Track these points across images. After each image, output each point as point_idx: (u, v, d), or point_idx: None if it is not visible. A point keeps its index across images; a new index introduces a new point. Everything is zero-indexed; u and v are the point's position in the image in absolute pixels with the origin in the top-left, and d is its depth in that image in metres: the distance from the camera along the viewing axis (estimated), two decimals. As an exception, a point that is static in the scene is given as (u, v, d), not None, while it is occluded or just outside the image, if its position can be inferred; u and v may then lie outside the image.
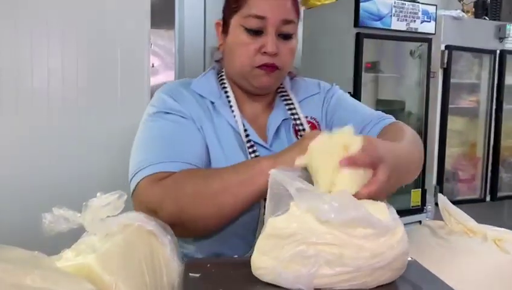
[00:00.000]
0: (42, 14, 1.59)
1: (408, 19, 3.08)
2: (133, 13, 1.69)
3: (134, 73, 1.71)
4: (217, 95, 1.05)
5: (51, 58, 1.62)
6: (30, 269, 0.51)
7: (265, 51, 0.96)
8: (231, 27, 1.00)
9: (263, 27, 0.96)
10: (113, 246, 0.63)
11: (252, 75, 0.99)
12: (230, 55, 1.02)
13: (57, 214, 0.67)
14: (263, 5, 0.95)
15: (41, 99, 1.60)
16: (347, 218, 0.59)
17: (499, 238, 0.80)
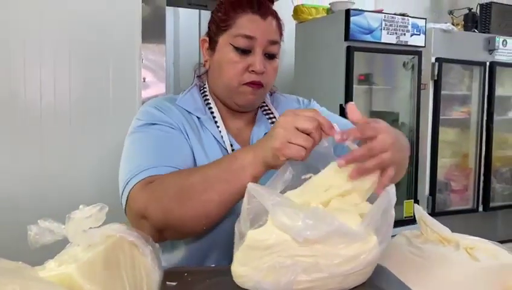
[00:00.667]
0: (34, 29, 1.63)
1: (398, 32, 3.13)
2: (124, 28, 1.73)
3: (126, 87, 1.74)
4: (202, 111, 1.08)
5: (43, 72, 1.65)
6: (11, 278, 0.53)
7: (253, 69, 1.00)
8: (219, 45, 1.03)
9: (251, 46, 1.00)
10: (94, 256, 0.65)
11: (238, 91, 1.03)
12: (217, 72, 1.04)
13: (42, 226, 0.69)
14: (252, 26, 0.99)
15: (34, 112, 1.63)
16: (322, 234, 0.61)
17: (470, 246, 0.83)
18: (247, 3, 1.01)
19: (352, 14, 2.98)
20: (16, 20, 1.62)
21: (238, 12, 1.00)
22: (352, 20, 2.98)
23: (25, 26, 1.62)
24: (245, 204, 0.69)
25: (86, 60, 1.69)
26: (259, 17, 1.00)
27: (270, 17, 1.01)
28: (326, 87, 3.23)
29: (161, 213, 0.83)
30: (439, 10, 4.38)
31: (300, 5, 3.41)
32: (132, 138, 1.00)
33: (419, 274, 0.78)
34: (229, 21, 1.01)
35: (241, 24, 1.00)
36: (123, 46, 1.73)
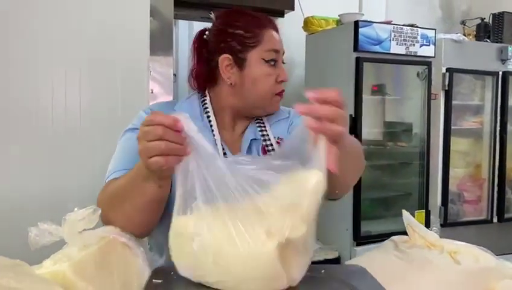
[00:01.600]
0: (46, 42, 1.71)
1: (407, 43, 3.15)
2: (133, 41, 1.80)
3: (134, 98, 1.80)
4: (198, 118, 1.13)
5: (54, 84, 1.72)
6: (7, 272, 0.58)
7: (282, 79, 1.10)
8: (249, 61, 1.09)
9: (276, 59, 1.10)
10: (87, 256, 0.70)
11: (271, 102, 1.13)
12: (250, 86, 1.10)
13: (42, 228, 0.74)
14: (275, 40, 1.10)
15: (45, 122, 1.70)
16: None
17: (454, 250, 0.84)
18: (266, 20, 1.11)
19: (360, 26, 3.01)
20: (29, 35, 1.70)
21: (262, 28, 1.09)
22: (360, 32, 3.01)
23: (37, 41, 1.70)
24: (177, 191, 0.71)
25: (95, 72, 1.76)
26: (274, 31, 1.11)
27: (279, 33, 1.13)
28: (336, 98, 3.25)
29: (103, 216, 0.86)
30: (451, 21, 4.38)
31: (311, 17, 3.45)
32: (119, 141, 1.09)
33: (401, 277, 0.80)
34: (256, 37, 1.08)
35: (269, 39, 1.09)
36: (132, 59, 1.80)
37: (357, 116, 3.07)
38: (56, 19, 1.72)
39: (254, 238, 0.62)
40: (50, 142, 1.73)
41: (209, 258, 0.61)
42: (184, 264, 0.66)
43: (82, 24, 1.75)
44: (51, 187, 1.71)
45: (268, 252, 0.61)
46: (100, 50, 1.75)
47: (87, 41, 1.75)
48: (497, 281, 0.81)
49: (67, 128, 1.74)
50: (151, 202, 0.86)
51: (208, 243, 0.62)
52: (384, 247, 0.93)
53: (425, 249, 0.86)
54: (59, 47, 1.72)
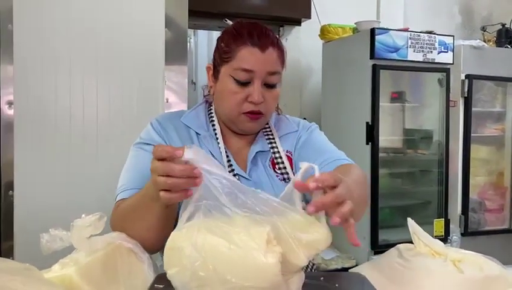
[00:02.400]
0: (64, 53, 1.77)
1: (425, 50, 3.13)
2: (148, 52, 1.84)
3: (150, 107, 1.85)
4: (204, 128, 1.14)
5: (72, 94, 1.78)
6: (15, 276, 0.61)
7: (251, 100, 1.05)
8: (221, 74, 1.08)
9: (250, 78, 1.05)
10: (93, 261, 0.73)
11: (238, 120, 1.09)
12: (219, 100, 1.11)
13: (53, 234, 0.78)
14: (251, 60, 1.03)
15: (64, 130, 1.76)
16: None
17: (458, 259, 0.84)
18: (247, 35, 1.04)
19: (377, 33, 3.00)
20: (48, 46, 1.76)
21: (239, 45, 1.04)
22: (377, 39, 3.00)
23: (56, 51, 1.76)
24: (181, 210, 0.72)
25: (112, 82, 1.81)
26: (259, 49, 1.03)
27: (270, 48, 1.05)
28: (353, 105, 3.25)
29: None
30: (471, 27, 4.32)
31: (327, 25, 3.46)
32: (129, 155, 1.11)
33: (403, 284, 0.80)
34: (230, 53, 1.05)
35: (241, 57, 1.04)
36: (147, 69, 1.84)
37: (373, 123, 3.05)
38: (75, 29, 1.78)
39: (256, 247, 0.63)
40: (68, 151, 1.78)
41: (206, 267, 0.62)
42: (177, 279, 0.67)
43: (99, 34, 1.81)
44: (67, 193, 1.77)
45: (272, 262, 0.62)
46: (116, 60, 1.81)
47: (104, 52, 1.80)
48: (501, 289, 0.81)
49: (84, 137, 1.80)
50: (160, 220, 0.88)
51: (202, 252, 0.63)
52: (388, 255, 0.93)
53: (429, 257, 0.86)
54: (77, 57, 1.78)
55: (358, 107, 3.17)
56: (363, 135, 3.08)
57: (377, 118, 3.07)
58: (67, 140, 1.78)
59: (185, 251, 0.64)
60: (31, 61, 1.76)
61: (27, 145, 1.77)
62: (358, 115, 3.17)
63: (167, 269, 0.67)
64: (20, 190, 1.77)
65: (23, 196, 1.78)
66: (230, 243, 0.62)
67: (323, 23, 3.51)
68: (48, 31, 1.77)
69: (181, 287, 0.66)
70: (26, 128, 1.77)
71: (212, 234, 0.64)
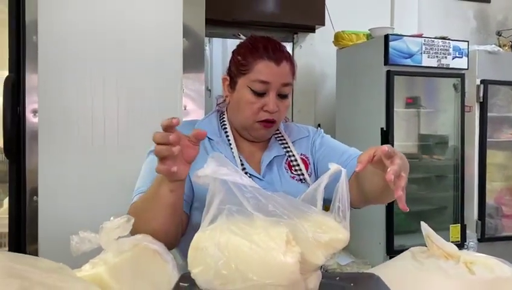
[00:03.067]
0: (85, 63, 1.83)
1: (439, 55, 3.14)
2: (167, 61, 1.90)
3: (168, 115, 1.89)
4: (217, 134, 1.22)
5: (94, 103, 1.84)
6: (52, 274, 0.65)
7: (267, 109, 1.14)
8: (238, 85, 1.17)
9: (266, 89, 1.14)
10: (121, 261, 0.77)
11: (252, 128, 1.17)
12: (236, 109, 1.19)
13: (82, 236, 0.82)
14: (267, 72, 1.12)
15: (86, 138, 1.82)
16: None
17: (470, 261, 0.87)
18: (263, 50, 1.14)
19: (391, 39, 3.03)
20: (71, 57, 1.83)
21: (256, 59, 1.13)
22: (391, 45, 3.03)
23: (78, 62, 1.83)
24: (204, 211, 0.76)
25: (131, 91, 1.87)
26: (274, 63, 1.13)
27: (284, 62, 1.14)
28: (367, 111, 3.27)
29: (133, 230, 0.93)
30: (486, 31, 4.31)
31: (341, 32, 3.49)
32: (145, 161, 1.21)
33: (416, 285, 0.83)
34: (247, 66, 1.14)
35: (258, 70, 1.13)
36: (166, 77, 1.90)
37: (388, 129, 3.07)
38: (96, 40, 1.85)
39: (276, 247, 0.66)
40: (90, 158, 1.84)
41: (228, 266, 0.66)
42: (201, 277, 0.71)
43: (119, 44, 1.87)
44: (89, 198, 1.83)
45: (291, 262, 0.66)
46: (136, 68, 1.87)
47: (124, 62, 1.86)
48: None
49: (105, 144, 1.85)
50: (165, 207, 0.94)
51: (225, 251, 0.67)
52: (402, 257, 0.96)
53: (441, 259, 0.89)
54: (98, 67, 1.84)
55: (373, 113, 3.19)
56: (378, 140, 3.09)
57: (392, 124, 3.08)
58: (89, 147, 1.84)
59: (209, 251, 0.68)
60: (54, 71, 1.83)
61: (51, 153, 1.83)
62: (372, 120, 3.19)
63: (191, 268, 0.71)
64: (44, 196, 1.84)
65: (47, 201, 1.84)
66: (251, 243, 0.66)
67: (337, 30, 3.54)
68: (70, 43, 1.84)
69: (205, 285, 0.70)
70: (50, 136, 1.83)
71: (234, 234, 0.68)
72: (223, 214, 0.71)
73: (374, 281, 0.76)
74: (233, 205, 0.70)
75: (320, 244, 0.67)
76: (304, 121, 3.75)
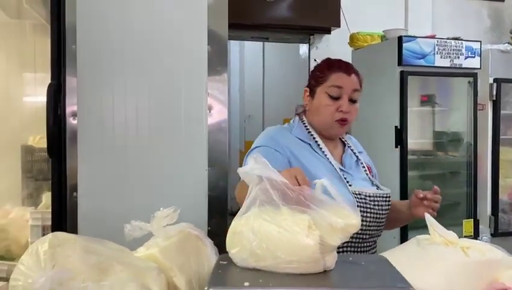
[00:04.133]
0: (120, 70, 2.00)
1: (452, 55, 3.23)
2: (193, 66, 2.05)
3: (195, 116, 2.05)
4: (307, 137, 1.48)
5: (128, 108, 2.01)
6: (118, 252, 0.81)
7: (341, 110, 1.41)
8: (317, 94, 1.46)
9: (340, 94, 1.41)
10: (170, 244, 0.93)
11: (332, 126, 1.45)
12: (316, 113, 1.47)
13: (134, 225, 0.98)
14: (341, 79, 1.42)
15: (120, 139, 1.99)
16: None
17: (467, 246, 1.00)
18: (337, 64, 1.46)
19: (404, 41, 3.13)
20: (106, 63, 2.00)
21: (332, 71, 1.43)
22: (404, 46, 3.13)
23: (114, 69, 2.00)
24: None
25: (161, 94, 2.03)
26: (345, 74, 1.43)
27: (353, 74, 1.45)
28: (382, 110, 3.38)
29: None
30: (500, 30, 4.37)
31: (356, 33, 3.61)
32: (251, 153, 1.41)
33: (419, 266, 0.97)
34: (324, 77, 1.44)
35: (334, 78, 1.42)
36: (192, 81, 2.05)
37: (402, 127, 3.18)
38: (129, 48, 2.01)
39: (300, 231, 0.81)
40: (124, 157, 2.01)
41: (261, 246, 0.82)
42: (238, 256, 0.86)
43: (151, 52, 2.03)
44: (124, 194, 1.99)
45: (312, 243, 0.81)
46: (165, 72, 2.03)
47: (154, 69, 2.02)
48: (502, 271, 0.96)
49: (138, 144, 2.02)
50: None
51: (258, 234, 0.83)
52: (408, 243, 1.10)
53: (442, 245, 1.02)
54: (131, 73, 2.01)
55: (387, 112, 3.31)
56: (392, 138, 3.21)
57: (406, 122, 3.20)
58: (124, 147, 2.00)
59: (245, 235, 0.83)
60: (91, 77, 2.00)
61: (88, 152, 2.00)
62: (387, 119, 3.30)
63: (229, 249, 0.86)
64: (83, 192, 2.00)
65: (86, 196, 2.01)
66: (279, 228, 0.81)
67: (352, 31, 3.66)
68: (106, 51, 2.01)
69: (241, 263, 0.85)
70: (88, 136, 2.00)
71: (265, 221, 0.83)
72: (255, 205, 0.86)
73: (382, 262, 0.90)
74: (265, 197, 0.85)
75: (337, 229, 0.82)
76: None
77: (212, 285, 0.76)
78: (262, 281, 0.78)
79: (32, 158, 2.76)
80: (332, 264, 0.85)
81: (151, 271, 0.78)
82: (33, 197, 2.60)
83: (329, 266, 0.84)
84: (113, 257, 0.78)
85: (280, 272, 0.81)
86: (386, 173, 3.29)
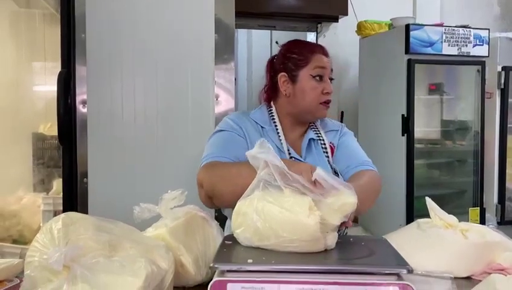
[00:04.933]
0: (128, 58, 2.03)
1: (459, 43, 3.22)
2: (200, 54, 2.09)
3: (202, 105, 2.09)
4: (267, 123, 1.44)
5: (136, 97, 2.05)
6: (128, 231, 0.85)
7: (327, 91, 1.39)
8: (300, 77, 1.40)
9: (323, 74, 1.39)
10: (178, 225, 0.97)
11: (317, 109, 1.41)
12: (300, 97, 1.41)
13: (142, 207, 1.02)
14: (322, 60, 1.40)
15: (129, 126, 2.03)
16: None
17: (466, 229, 1.02)
18: (315, 47, 1.44)
19: (412, 29, 3.12)
20: (115, 52, 2.04)
21: (312, 53, 1.40)
22: (412, 34, 3.13)
23: (122, 57, 2.04)
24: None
25: (169, 83, 2.07)
26: (324, 55, 1.41)
27: (327, 55, 1.43)
28: (389, 99, 3.39)
29: (210, 185, 1.19)
30: (510, 17, 4.33)
31: (364, 21, 3.60)
32: (211, 138, 1.41)
33: (418, 247, 1.00)
34: (306, 59, 1.39)
35: (316, 59, 1.39)
36: (199, 70, 2.08)
37: (409, 116, 3.19)
38: (138, 37, 2.05)
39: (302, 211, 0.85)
40: (133, 144, 2.05)
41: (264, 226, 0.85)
42: (242, 236, 0.90)
43: (158, 40, 2.06)
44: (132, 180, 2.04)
45: (313, 223, 0.84)
46: (173, 61, 2.06)
47: (162, 55, 2.06)
48: (500, 253, 0.98)
49: (147, 131, 2.06)
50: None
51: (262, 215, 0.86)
52: (409, 226, 1.13)
53: (442, 228, 1.05)
54: (139, 61, 2.05)
55: (394, 100, 3.31)
56: (399, 127, 3.22)
57: (413, 111, 3.20)
58: (133, 134, 2.05)
59: (249, 215, 0.87)
60: (100, 66, 2.04)
61: (98, 140, 2.05)
62: (394, 107, 3.31)
63: (234, 229, 0.90)
64: (93, 178, 2.06)
65: (96, 182, 2.06)
66: (282, 209, 0.84)
67: (360, 20, 3.65)
68: (115, 40, 2.04)
69: (246, 242, 0.89)
70: (97, 124, 2.04)
71: (268, 202, 0.86)
72: (259, 187, 0.89)
73: (382, 242, 0.93)
74: (268, 179, 0.88)
75: (335, 208, 0.85)
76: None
77: (217, 262, 0.80)
78: (265, 259, 0.82)
79: (43, 145, 2.82)
80: (333, 243, 0.88)
81: (160, 249, 0.81)
82: (44, 183, 2.66)
83: (330, 245, 0.87)
84: (123, 235, 0.82)
85: (283, 251, 0.85)
86: (393, 161, 3.31)
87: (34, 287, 0.74)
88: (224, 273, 0.78)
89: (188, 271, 0.93)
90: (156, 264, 0.76)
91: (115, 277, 0.70)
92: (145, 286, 0.70)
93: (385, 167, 3.40)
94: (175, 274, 0.92)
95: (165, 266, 0.78)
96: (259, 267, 0.77)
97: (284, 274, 0.76)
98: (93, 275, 0.70)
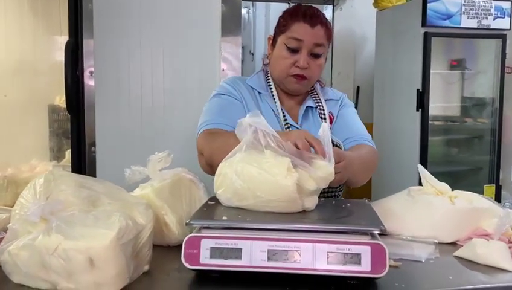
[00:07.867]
0: (135, 29, 2.05)
1: (479, 16, 3.12)
2: (207, 26, 2.08)
3: (208, 76, 2.09)
4: (264, 88, 1.41)
5: (143, 65, 2.06)
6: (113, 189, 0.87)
7: (298, 65, 1.30)
8: (277, 43, 1.34)
9: (299, 47, 1.29)
10: (164, 185, 0.99)
11: (286, 81, 1.35)
12: (274, 64, 1.38)
13: (133, 169, 1.04)
14: (301, 31, 1.29)
15: (136, 96, 2.05)
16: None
17: (454, 196, 1.01)
18: (302, 14, 1.30)
19: (429, 1, 3.03)
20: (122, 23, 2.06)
21: (294, 20, 1.30)
22: (429, 7, 3.04)
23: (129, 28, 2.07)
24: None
25: (175, 54, 2.08)
26: (309, 25, 1.29)
27: (318, 25, 1.30)
28: (405, 72, 3.32)
29: (209, 153, 1.19)
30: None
31: (381, -6, 3.51)
32: (209, 102, 1.39)
33: (405, 212, 1.00)
34: (286, 26, 1.31)
35: (294, 29, 1.29)
36: (206, 41, 2.08)
37: (424, 90, 3.12)
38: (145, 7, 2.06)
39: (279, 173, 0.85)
40: (140, 114, 2.08)
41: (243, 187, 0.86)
42: (223, 196, 0.91)
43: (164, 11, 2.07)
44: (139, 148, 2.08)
45: (289, 184, 0.84)
46: (179, 33, 2.07)
47: (168, 26, 2.07)
48: (487, 219, 0.97)
49: (153, 101, 2.08)
50: None
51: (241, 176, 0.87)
52: (399, 194, 1.12)
53: (431, 195, 1.04)
54: (146, 32, 2.06)
55: (411, 75, 3.24)
56: (414, 102, 3.16)
57: (428, 85, 3.13)
58: (139, 104, 2.08)
59: (228, 176, 0.88)
60: (107, 36, 2.06)
61: (106, 110, 2.08)
62: (410, 82, 3.24)
63: (216, 189, 0.91)
64: (101, 147, 2.10)
65: (104, 151, 2.10)
66: (260, 170, 0.85)
67: (377, -8, 3.56)
68: (121, 11, 2.06)
69: (226, 202, 0.90)
70: (105, 95, 2.08)
71: (248, 164, 0.87)
72: (242, 150, 0.90)
73: (364, 205, 0.93)
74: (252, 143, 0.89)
75: (312, 176, 0.86)
76: (343, 83, 3.85)
77: (193, 218, 0.82)
78: (241, 217, 0.83)
79: (58, 117, 2.88)
80: (312, 205, 0.88)
81: (139, 206, 0.83)
82: (57, 152, 2.73)
83: (309, 207, 0.88)
84: (104, 192, 0.84)
85: (261, 211, 0.85)
86: (407, 136, 3.26)
87: (16, 238, 0.77)
88: (199, 230, 0.79)
89: (171, 230, 0.95)
90: (133, 219, 0.78)
91: (88, 229, 0.72)
92: (118, 237, 0.72)
93: (399, 142, 3.37)
94: (159, 233, 0.94)
95: (143, 221, 0.80)
96: (233, 224, 0.79)
97: (256, 231, 0.77)
98: (68, 227, 0.72)
